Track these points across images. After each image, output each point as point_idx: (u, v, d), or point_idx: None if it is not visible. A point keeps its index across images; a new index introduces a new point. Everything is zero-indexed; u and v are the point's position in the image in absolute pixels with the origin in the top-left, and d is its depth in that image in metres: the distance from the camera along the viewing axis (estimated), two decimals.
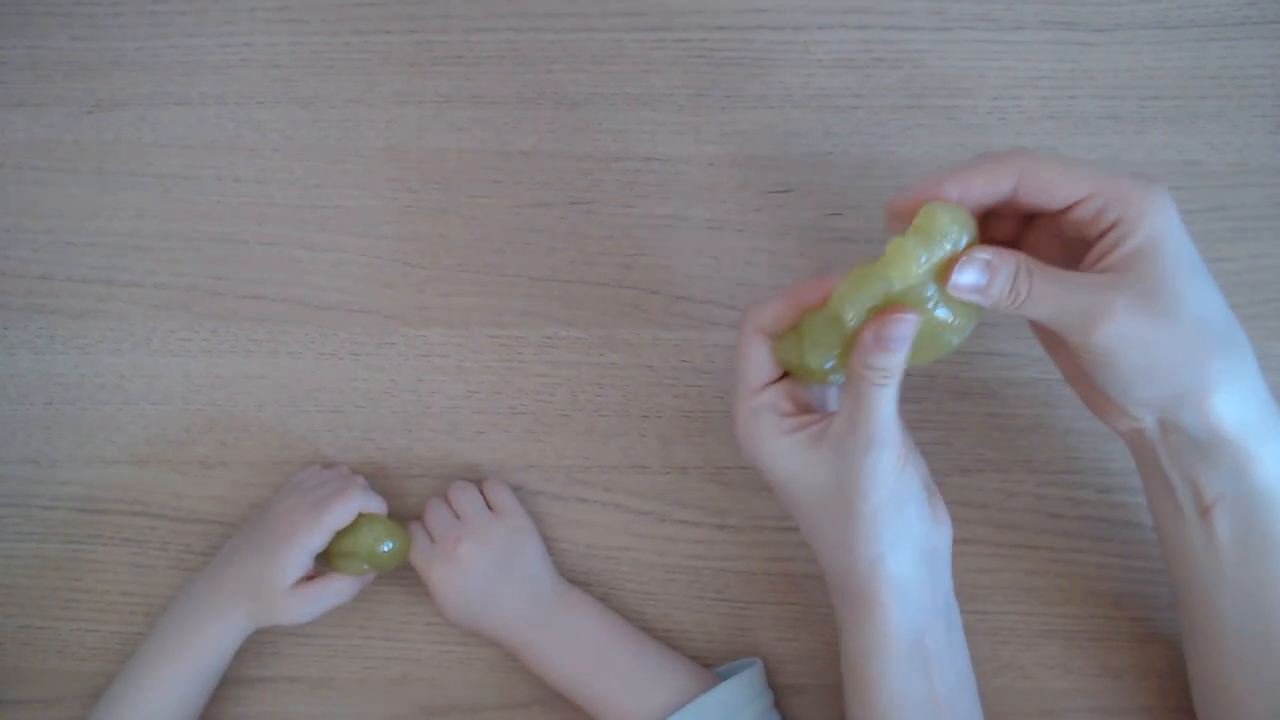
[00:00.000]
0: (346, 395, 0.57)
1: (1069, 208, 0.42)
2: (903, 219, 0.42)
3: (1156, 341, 0.40)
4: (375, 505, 0.53)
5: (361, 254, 0.58)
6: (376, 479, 0.56)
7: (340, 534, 0.52)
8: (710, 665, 0.54)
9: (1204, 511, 0.44)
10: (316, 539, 0.51)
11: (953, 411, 0.56)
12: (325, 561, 0.52)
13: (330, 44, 0.59)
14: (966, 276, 0.41)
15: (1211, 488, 0.43)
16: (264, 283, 0.58)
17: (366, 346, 0.57)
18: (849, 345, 0.43)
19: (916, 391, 0.56)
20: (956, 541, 0.54)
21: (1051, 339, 0.47)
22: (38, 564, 0.57)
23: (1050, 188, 0.41)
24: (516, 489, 0.56)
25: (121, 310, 0.58)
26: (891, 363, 0.41)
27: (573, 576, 0.55)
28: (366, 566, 0.52)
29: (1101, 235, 0.41)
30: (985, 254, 0.41)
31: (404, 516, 0.55)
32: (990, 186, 0.42)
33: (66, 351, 0.58)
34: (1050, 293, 0.41)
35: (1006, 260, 0.41)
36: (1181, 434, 0.43)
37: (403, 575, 0.55)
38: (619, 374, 0.57)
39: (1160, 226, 0.40)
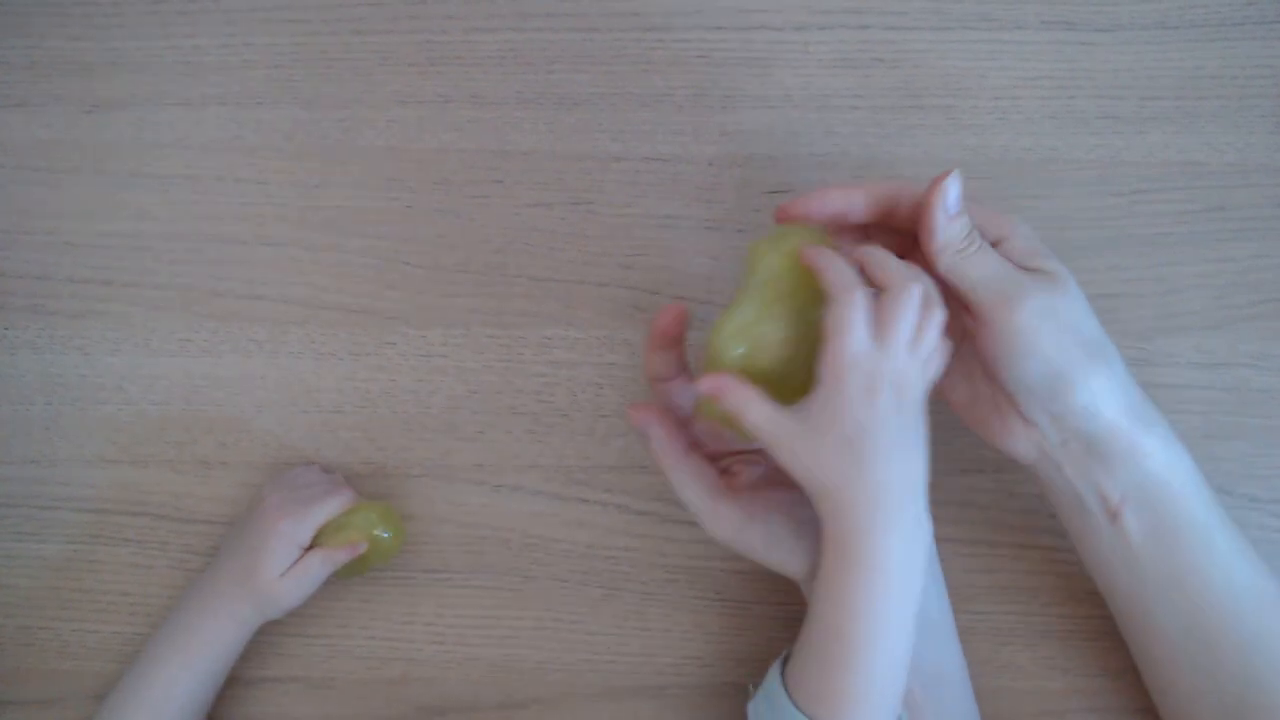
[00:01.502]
0: (346, 395, 0.57)
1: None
2: (792, 214, 0.47)
3: (1064, 324, 0.44)
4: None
5: (361, 254, 0.58)
6: (376, 479, 0.56)
7: (331, 520, 0.52)
8: (709, 665, 0.54)
9: (1113, 516, 0.46)
10: (303, 531, 0.52)
11: (953, 412, 0.56)
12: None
13: (331, 44, 0.59)
14: (954, 194, 0.44)
15: (1115, 490, 0.46)
16: (264, 283, 0.58)
17: (366, 346, 0.57)
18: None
19: None
20: (956, 541, 0.55)
21: (957, 360, 0.48)
22: (38, 564, 0.57)
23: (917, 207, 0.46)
24: (516, 489, 0.56)
25: (121, 310, 0.58)
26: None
27: (573, 576, 0.56)
28: (356, 536, 0.52)
29: (996, 243, 0.46)
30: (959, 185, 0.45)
31: (404, 517, 0.55)
32: (885, 197, 0.47)
33: (67, 352, 0.58)
34: (989, 258, 0.45)
35: (968, 213, 0.45)
36: (1078, 440, 0.45)
37: (403, 575, 0.56)
38: (619, 374, 0.57)
39: (1035, 240, 0.46)
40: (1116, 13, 0.58)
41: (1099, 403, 0.45)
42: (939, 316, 0.44)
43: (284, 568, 0.51)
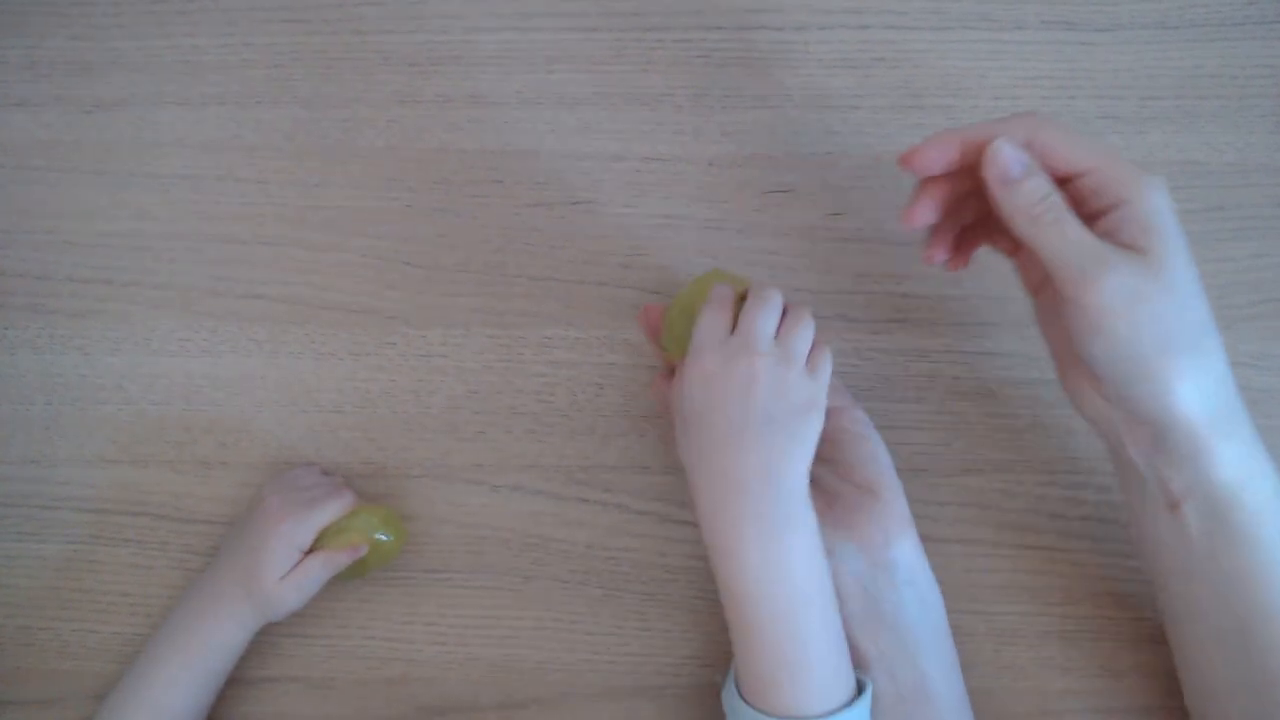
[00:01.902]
0: (346, 395, 0.57)
1: (1070, 178, 0.43)
2: (911, 166, 0.45)
3: (1148, 310, 0.41)
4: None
5: (361, 254, 0.58)
6: (376, 479, 0.56)
7: (332, 523, 0.52)
8: (709, 665, 0.54)
9: (1173, 506, 0.44)
10: (303, 535, 0.51)
11: (953, 411, 0.56)
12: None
13: (330, 44, 0.59)
14: (1003, 162, 0.42)
15: (1177, 483, 0.44)
16: (264, 283, 0.58)
17: (366, 346, 0.57)
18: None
19: (917, 391, 0.56)
20: (956, 541, 0.55)
21: (1048, 307, 0.47)
22: (38, 564, 0.57)
23: (1057, 152, 0.43)
24: (516, 489, 0.56)
25: (121, 310, 0.58)
26: None
27: (573, 576, 0.55)
28: (357, 539, 0.52)
29: (1101, 214, 0.42)
30: (1027, 156, 0.43)
31: (404, 517, 0.55)
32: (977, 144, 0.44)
33: (67, 351, 0.58)
34: (1066, 228, 0.42)
35: (1044, 175, 0.43)
36: (1147, 427, 0.43)
37: (403, 575, 0.56)
38: (619, 374, 0.57)
39: (1161, 211, 0.42)
40: (1116, 13, 0.58)
41: (1175, 400, 0.42)
42: (806, 321, 0.47)
43: (284, 570, 0.51)
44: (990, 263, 0.52)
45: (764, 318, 0.46)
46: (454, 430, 0.57)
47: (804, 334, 0.47)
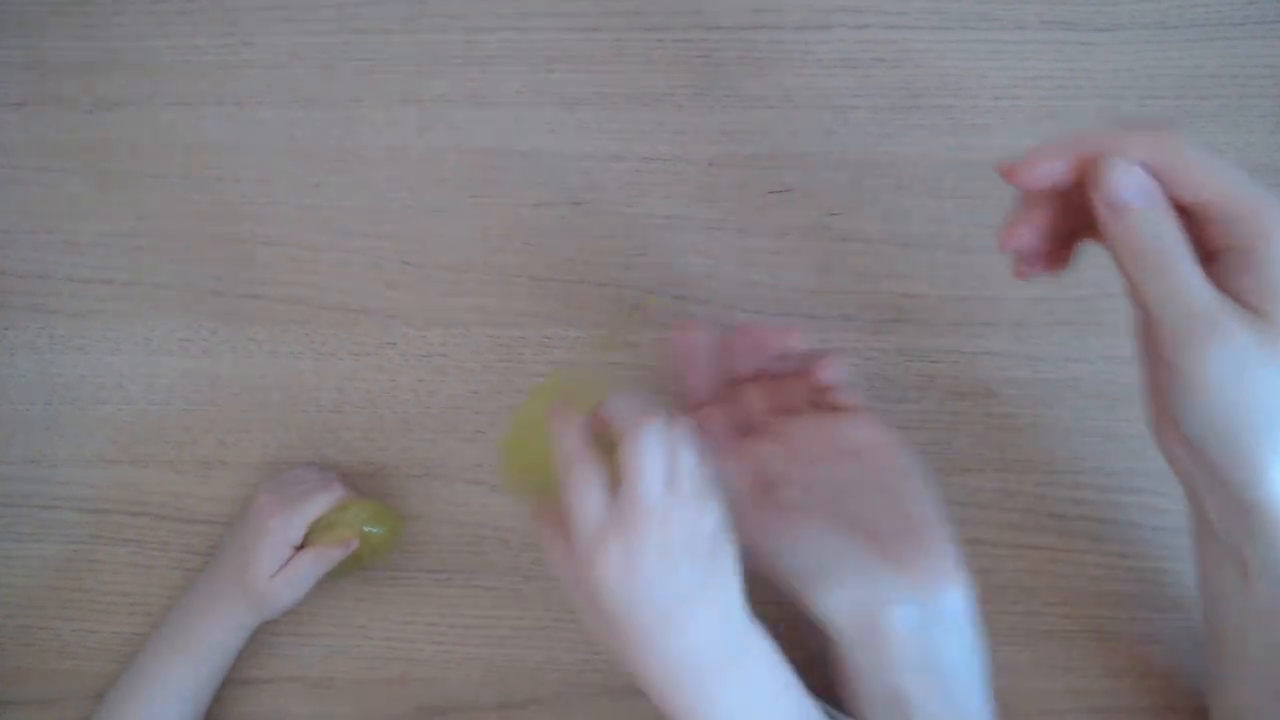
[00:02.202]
0: (346, 395, 0.57)
1: (1194, 208, 0.37)
2: (1016, 181, 0.39)
3: (1255, 387, 0.36)
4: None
5: (361, 254, 0.58)
6: (376, 479, 0.56)
7: (322, 518, 0.52)
8: None
9: (1243, 571, 0.41)
10: (293, 530, 0.52)
11: (953, 411, 0.56)
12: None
13: (330, 44, 0.59)
14: (1113, 183, 0.36)
15: (1253, 556, 0.40)
16: (264, 283, 0.58)
17: (366, 346, 0.57)
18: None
19: (917, 391, 0.56)
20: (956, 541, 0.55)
21: (1147, 345, 0.41)
22: (38, 564, 0.57)
23: (1182, 176, 0.37)
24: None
25: (121, 310, 0.58)
26: None
27: None
28: (347, 533, 0.52)
29: (1223, 253, 0.37)
30: (1146, 179, 0.37)
31: (404, 517, 0.55)
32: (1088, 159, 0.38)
33: (66, 351, 0.58)
34: (1178, 275, 0.36)
35: (1162, 203, 0.37)
36: (1229, 497, 0.39)
37: (403, 575, 0.56)
38: (619, 374, 0.57)
39: None
40: (1116, 12, 0.58)
41: (1267, 485, 0.37)
42: (688, 453, 0.40)
43: (276, 567, 0.51)
44: (990, 263, 0.52)
45: (651, 467, 0.39)
46: (454, 430, 0.57)
47: (687, 455, 0.40)
